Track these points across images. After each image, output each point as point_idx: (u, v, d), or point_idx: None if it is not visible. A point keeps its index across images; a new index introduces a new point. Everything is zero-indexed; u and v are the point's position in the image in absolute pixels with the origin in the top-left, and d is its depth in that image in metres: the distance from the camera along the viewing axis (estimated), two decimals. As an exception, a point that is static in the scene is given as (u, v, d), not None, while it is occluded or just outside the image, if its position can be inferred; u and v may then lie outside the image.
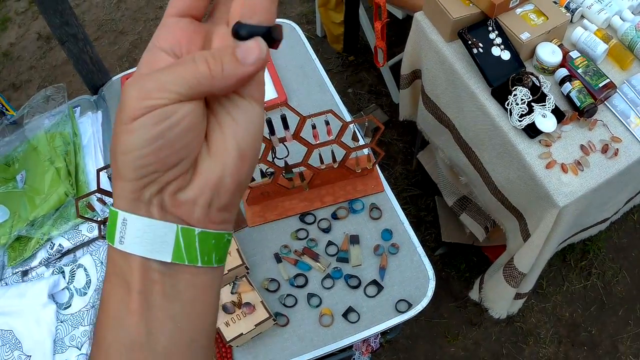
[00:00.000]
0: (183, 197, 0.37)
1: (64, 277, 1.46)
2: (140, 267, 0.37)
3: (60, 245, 1.50)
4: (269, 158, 1.30)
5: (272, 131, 1.27)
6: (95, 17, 3.23)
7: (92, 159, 1.65)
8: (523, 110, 1.50)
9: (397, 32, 2.28)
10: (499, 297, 1.73)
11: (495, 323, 2.09)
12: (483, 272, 1.85)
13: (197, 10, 0.39)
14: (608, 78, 1.58)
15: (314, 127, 1.30)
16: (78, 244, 1.51)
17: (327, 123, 1.28)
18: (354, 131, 1.35)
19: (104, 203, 1.47)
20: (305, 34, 1.76)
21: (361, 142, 1.35)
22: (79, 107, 1.75)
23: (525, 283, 1.70)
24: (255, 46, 0.35)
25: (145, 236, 0.37)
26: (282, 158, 1.34)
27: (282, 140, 1.29)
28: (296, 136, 1.27)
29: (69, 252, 1.52)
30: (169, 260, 0.37)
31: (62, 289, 1.45)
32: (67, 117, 1.68)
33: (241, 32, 0.35)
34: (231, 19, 0.36)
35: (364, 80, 2.78)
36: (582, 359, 2.08)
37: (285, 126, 1.27)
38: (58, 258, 1.51)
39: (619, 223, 2.24)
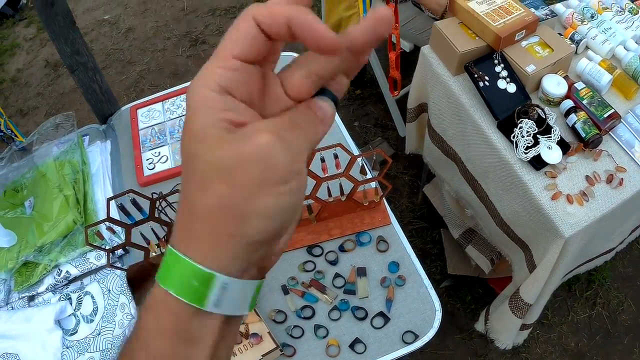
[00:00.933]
0: (275, 253, 0.39)
1: (71, 304, 1.46)
2: (220, 324, 0.37)
3: (67, 272, 1.50)
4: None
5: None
6: (103, 46, 3.27)
7: (101, 188, 1.66)
8: (529, 143, 1.51)
9: (404, 64, 2.28)
10: (504, 328, 1.72)
11: (500, 354, 2.08)
12: (489, 303, 1.85)
13: (262, 57, 0.36)
14: (613, 108, 1.60)
15: (322, 160, 1.31)
16: (85, 271, 1.52)
17: (335, 156, 1.30)
18: (362, 164, 1.36)
19: (113, 232, 1.48)
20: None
21: (369, 175, 1.37)
22: (88, 136, 1.76)
23: (531, 314, 1.70)
24: (331, 108, 0.37)
25: (240, 296, 0.37)
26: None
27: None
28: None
29: (76, 279, 1.52)
30: (247, 313, 0.38)
31: (69, 315, 1.45)
32: (76, 146, 1.69)
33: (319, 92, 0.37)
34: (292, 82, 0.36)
35: (370, 114, 2.80)
36: (589, 388, 2.07)
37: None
38: (65, 285, 1.51)
39: (623, 252, 2.23)
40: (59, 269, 1.50)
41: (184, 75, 3.00)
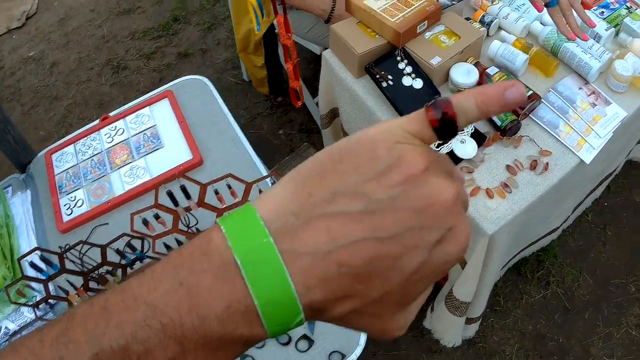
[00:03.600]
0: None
1: None
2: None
3: (6, 327, 1.49)
4: (181, 227, 1.28)
5: (175, 202, 1.25)
6: (30, 84, 3.22)
7: (25, 240, 1.63)
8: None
9: (319, 67, 2.23)
10: (447, 328, 1.69)
11: (456, 348, 2.03)
12: (433, 299, 1.80)
13: None
14: (531, 90, 1.55)
15: (216, 192, 1.27)
16: (22, 325, 1.51)
17: (229, 186, 1.26)
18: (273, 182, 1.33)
19: (32, 288, 1.47)
20: (232, 80, 1.74)
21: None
22: (10, 187, 1.73)
23: (474, 308, 1.66)
24: None
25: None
26: (193, 226, 1.32)
27: (188, 209, 1.27)
28: (201, 204, 1.24)
29: (15, 333, 1.51)
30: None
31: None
32: (-2, 200, 1.67)
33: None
34: None
35: (294, 120, 2.75)
36: (554, 369, 2.04)
37: (187, 195, 1.25)
38: (6, 341, 1.50)
39: (572, 227, 2.18)
40: (-1, 325, 1.50)
41: (109, 105, 2.95)
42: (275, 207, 0.34)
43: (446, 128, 0.37)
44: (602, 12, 1.76)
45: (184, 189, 1.25)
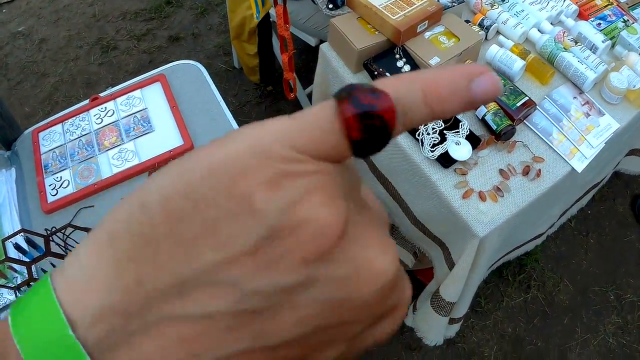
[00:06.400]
0: None
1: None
2: None
3: (-15, 307, 1.47)
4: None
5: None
6: (17, 59, 3.17)
7: (8, 219, 1.60)
8: (435, 140, 1.46)
9: (314, 58, 2.21)
10: (431, 327, 1.69)
11: (435, 347, 2.03)
12: (416, 297, 1.80)
13: None
14: (526, 96, 1.55)
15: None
16: (1, 306, 1.48)
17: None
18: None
19: (15, 270, 1.44)
20: (223, 66, 1.71)
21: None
22: (-5, 165, 1.70)
23: (458, 309, 1.66)
24: None
25: None
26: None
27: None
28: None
29: (-5, 314, 1.49)
30: None
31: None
32: (-21, 177, 1.63)
33: None
34: None
35: (283, 110, 2.71)
36: (531, 372, 2.06)
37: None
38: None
39: (555, 233, 2.20)
40: (-21, 306, 1.47)
41: (96, 84, 2.90)
42: (90, 299, 0.21)
43: (373, 139, 0.22)
44: (599, 24, 1.77)
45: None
